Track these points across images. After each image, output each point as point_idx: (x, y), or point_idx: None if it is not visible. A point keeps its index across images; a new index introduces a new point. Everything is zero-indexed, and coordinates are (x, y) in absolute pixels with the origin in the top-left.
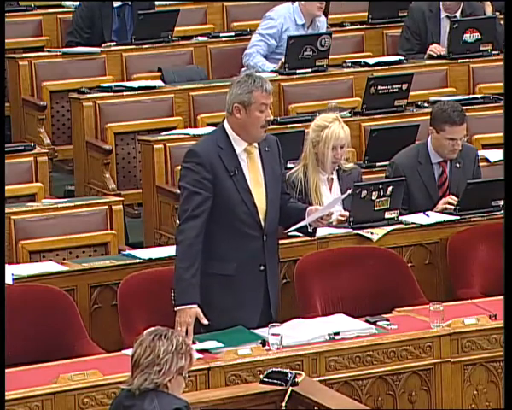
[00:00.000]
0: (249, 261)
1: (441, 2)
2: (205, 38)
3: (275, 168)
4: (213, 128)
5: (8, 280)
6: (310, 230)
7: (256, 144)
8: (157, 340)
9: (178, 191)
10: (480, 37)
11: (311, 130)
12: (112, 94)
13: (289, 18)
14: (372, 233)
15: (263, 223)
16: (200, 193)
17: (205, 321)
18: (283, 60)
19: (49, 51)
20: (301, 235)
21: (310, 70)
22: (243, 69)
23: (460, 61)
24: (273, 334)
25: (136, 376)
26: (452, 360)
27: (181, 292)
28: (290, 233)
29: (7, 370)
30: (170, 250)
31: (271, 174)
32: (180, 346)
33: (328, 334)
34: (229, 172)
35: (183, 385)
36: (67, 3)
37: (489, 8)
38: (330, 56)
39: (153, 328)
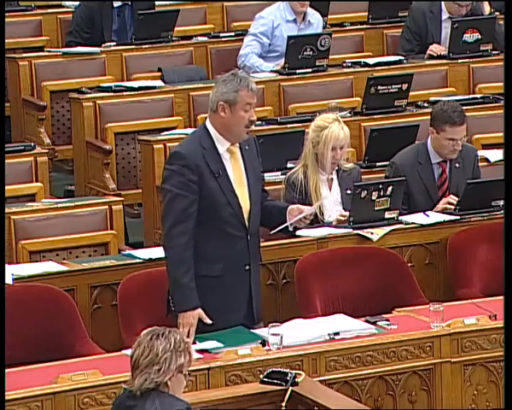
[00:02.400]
0: (235, 262)
1: (443, 4)
2: (205, 38)
3: (255, 167)
4: None
5: (8, 280)
6: (290, 228)
7: (237, 144)
8: (155, 339)
9: None
10: (480, 37)
11: (311, 130)
12: (112, 94)
13: (279, 14)
14: (372, 233)
15: (247, 223)
16: (186, 196)
17: (208, 321)
18: (283, 61)
19: (49, 51)
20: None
21: (310, 70)
22: (240, 71)
23: (460, 61)
24: (273, 334)
25: (136, 377)
26: (452, 360)
27: (182, 298)
28: (289, 233)
29: (7, 370)
30: None
31: (253, 173)
32: (178, 344)
33: (328, 334)
34: (214, 174)
35: (183, 383)
36: (67, 3)
37: (487, 8)
38: (330, 56)
39: (150, 328)
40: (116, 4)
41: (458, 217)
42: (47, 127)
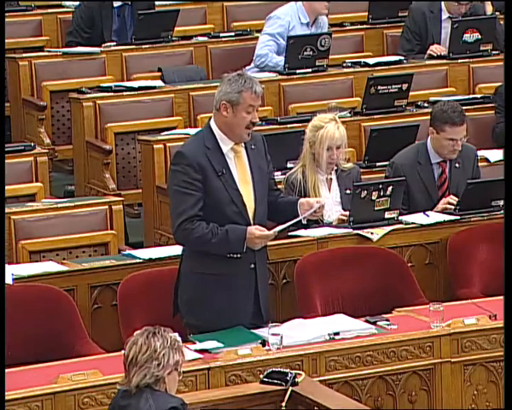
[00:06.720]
0: (239, 260)
1: (443, 4)
2: (205, 38)
3: (262, 166)
4: None
5: (8, 280)
6: (304, 222)
7: (243, 143)
8: (151, 337)
9: None
10: (480, 37)
11: (308, 130)
12: (112, 94)
13: (294, 17)
14: (372, 233)
15: (252, 221)
16: (191, 194)
17: (267, 232)
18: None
19: (49, 51)
20: (302, 235)
21: (310, 70)
22: (255, 70)
23: (460, 61)
24: (273, 334)
25: (134, 374)
26: (452, 360)
27: (230, 243)
28: (290, 233)
29: (7, 370)
30: (170, 250)
31: (258, 172)
32: (173, 342)
33: (328, 334)
34: (217, 173)
35: (177, 382)
36: (67, 3)
37: (489, 8)
38: (330, 56)
39: (142, 329)
40: (116, 4)
41: (458, 217)
42: (47, 127)
